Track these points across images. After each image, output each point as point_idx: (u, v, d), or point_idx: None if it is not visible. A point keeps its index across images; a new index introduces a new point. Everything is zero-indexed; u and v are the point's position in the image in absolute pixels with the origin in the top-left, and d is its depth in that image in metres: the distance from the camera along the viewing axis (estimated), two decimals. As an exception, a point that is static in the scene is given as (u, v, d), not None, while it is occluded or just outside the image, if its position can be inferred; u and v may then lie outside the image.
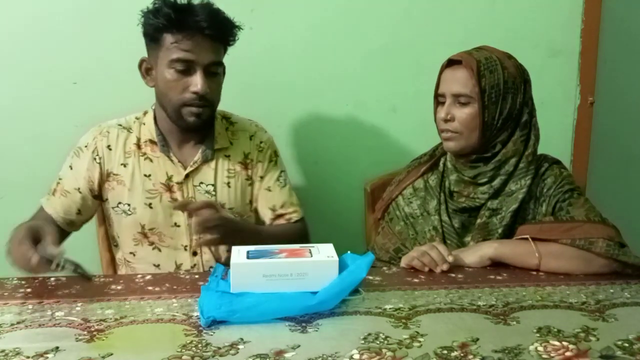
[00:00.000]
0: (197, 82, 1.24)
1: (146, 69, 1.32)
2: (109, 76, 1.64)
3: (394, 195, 1.41)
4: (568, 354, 0.80)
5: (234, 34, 1.31)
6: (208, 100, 1.28)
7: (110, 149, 1.34)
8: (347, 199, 1.78)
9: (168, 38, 1.24)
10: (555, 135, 1.76)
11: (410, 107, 1.81)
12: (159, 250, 1.36)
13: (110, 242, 1.46)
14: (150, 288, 1.04)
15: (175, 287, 1.05)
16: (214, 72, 1.29)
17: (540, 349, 0.81)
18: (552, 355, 0.79)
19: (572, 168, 1.88)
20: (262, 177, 1.42)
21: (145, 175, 1.34)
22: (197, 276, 1.13)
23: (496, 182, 1.29)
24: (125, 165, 1.33)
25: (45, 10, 1.60)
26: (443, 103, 1.29)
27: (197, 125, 1.30)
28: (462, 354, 0.79)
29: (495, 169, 1.29)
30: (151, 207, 1.33)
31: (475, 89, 1.23)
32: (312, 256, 0.98)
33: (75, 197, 1.33)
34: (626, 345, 0.83)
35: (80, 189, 1.33)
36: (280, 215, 1.42)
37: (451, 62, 1.28)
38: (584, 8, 1.83)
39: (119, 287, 1.05)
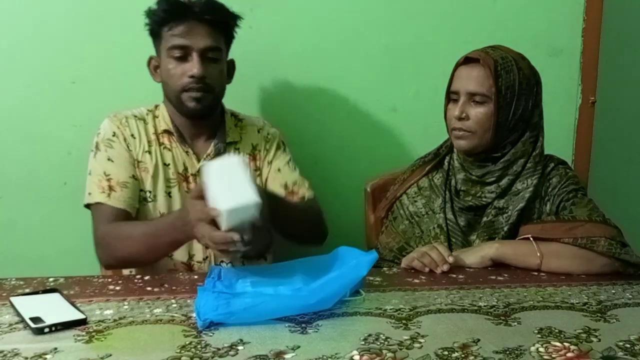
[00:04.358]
0: (193, 65, 1.27)
1: (154, 67, 1.36)
2: (108, 76, 1.64)
3: (398, 194, 1.40)
4: (569, 354, 0.79)
5: (230, 20, 1.33)
6: (208, 85, 1.30)
7: (134, 137, 1.34)
8: (347, 199, 1.77)
9: (165, 29, 1.29)
10: (556, 134, 1.76)
11: (410, 107, 1.80)
12: None
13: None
14: (149, 288, 1.04)
15: (174, 287, 1.04)
16: (213, 58, 1.31)
17: (542, 349, 0.81)
18: (553, 356, 0.79)
19: (573, 168, 1.87)
20: (270, 162, 1.44)
21: (165, 164, 1.36)
22: (196, 277, 1.13)
23: (504, 182, 1.29)
24: (149, 153, 1.34)
25: (44, 9, 1.59)
26: (456, 100, 1.28)
27: (198, 112, 1.31)
28: (462, 355, 0.78)
29: (504, 168, 1.29)
30: (170, 196, 1.35)
31: (492, 89, 1.23)
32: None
33: (135, 185, 1.31)
34: (628, 346, 0.83)
35: (135, 176, 1.32)
36: (294, 193, 1.42)
37: (467, 60, 1.27)
38: (585, 7, 1.83)
39: (117, 288, 1.04)
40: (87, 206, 1.31)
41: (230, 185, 0.97)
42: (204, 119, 1.36)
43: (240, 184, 0.97)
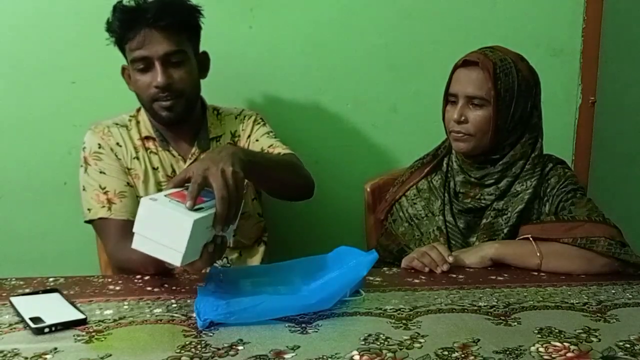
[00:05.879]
0: (156, 75, 1.25)
1: (128, 76, 1.34)
2: (108, 76, 1.63)
3: (397, 197, 1.40)
4: (569, 354, 0.79)
5: (189, 16, 1.30)
6: (177, 91, 1.28)
7: (120, 146, 1.34)
8: (347, 199, 1.77)
9: (127, 44, 1.27)
10: (556, 135, 1.75)
11: (410, 107, 1.80)
12: None
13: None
14: (149, 288, 1.04)
15: (174, 287, 1.04)
16: (177, 62, 1.28)
17: (542, 349, 0.81)
18: (553, 356, 0.79)
19: (573, 168, 1.87)
20: (249, 137, 1.42)
21: (154, 168, 1.35)
22: (196, 277, 1.13)
23: (503, 184, 1.28)
24: (137, 159, 1.34)
25: (45, 9, 1.59)
26: (454, 103, 1.28)
27: (173, 119, 1.30)
28: (462, 355, 0.78)
29: (503, 170, 1.28)
30: None
31: (491, 92, 1.22)
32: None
33: (132, 193, 1.30)
34: (628, 346, 0.83)
35: (130, 183, 1.32)
36: (269, 153, 1.37)
37: (466, 62, 1.26)
38: (585, 7, 1.83)
39: (117, 288, 1.04)
40: (89, 222, 1.30)
41: (163, 234, 0.86)
42: (182, 122, 1.34)
43: (168, 221, 0.86)
